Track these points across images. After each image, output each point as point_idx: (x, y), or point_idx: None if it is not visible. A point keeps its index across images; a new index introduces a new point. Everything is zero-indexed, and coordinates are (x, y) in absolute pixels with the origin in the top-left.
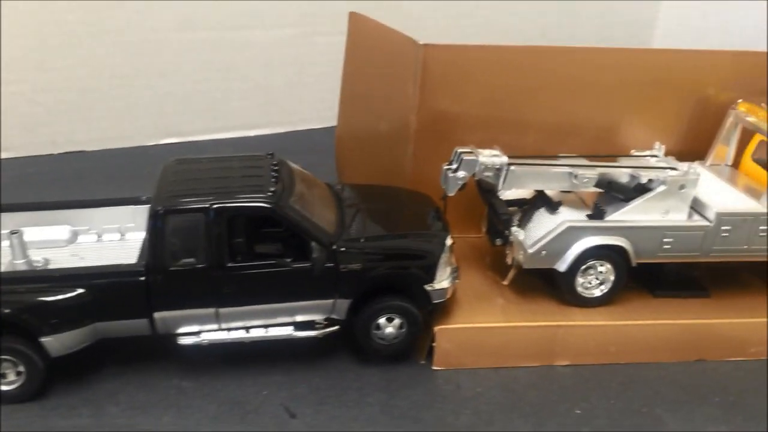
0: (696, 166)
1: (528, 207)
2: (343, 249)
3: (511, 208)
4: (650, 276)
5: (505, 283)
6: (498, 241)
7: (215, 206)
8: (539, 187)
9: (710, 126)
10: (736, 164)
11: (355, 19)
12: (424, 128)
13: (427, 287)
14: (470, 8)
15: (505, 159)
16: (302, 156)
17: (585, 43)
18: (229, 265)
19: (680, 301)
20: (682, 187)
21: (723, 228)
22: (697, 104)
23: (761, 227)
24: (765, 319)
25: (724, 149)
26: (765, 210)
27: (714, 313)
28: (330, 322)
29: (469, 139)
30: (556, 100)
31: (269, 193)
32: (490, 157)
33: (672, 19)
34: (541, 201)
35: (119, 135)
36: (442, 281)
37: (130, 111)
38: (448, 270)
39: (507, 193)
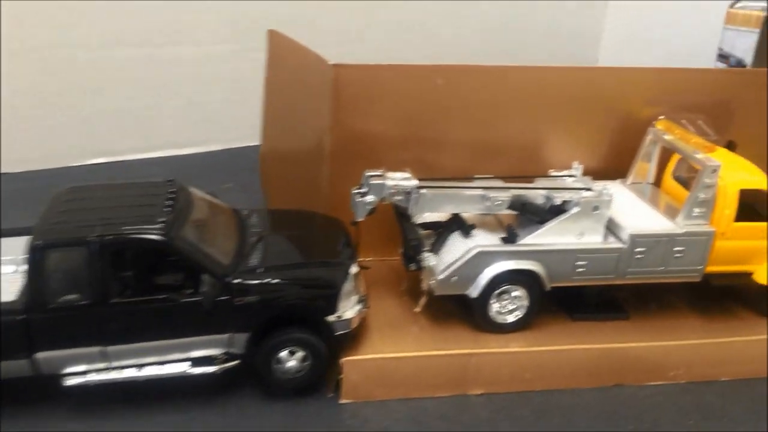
0: (611, 186)
1: (442, 230)
2: (237, 281)
3: (425, 232)
4: (570, 299)
5: (417, 310)
6: (412, 266)
7: (98, 239)
8: (453, 210)
9: (635, 143)
10: (658, 182)
11: (273, 37)
12: (339, 149)
13: (330, 318)
14: (412, 24)
15: (414, 182)
16: (237, 174)
17: (531, 58)
18: (115, 301)
19: (599, 324)
20: (595, 208)
21: (637, 250)
22: (621, 121)
23: (676, 248)
24: (684, 342)
25: (645, 167)
26: (680, 230)
27: (632, 336)
28: (229, 356)
29: (388, 159)
30: (476, 119)
31: (158, 224)
32: (400, 180)
33: (617, 30)
34: (456, 224)
35: (43, 155)
36: (347, 311)
37: (55, 131)
38: (354, 299)
39: (425, 215)
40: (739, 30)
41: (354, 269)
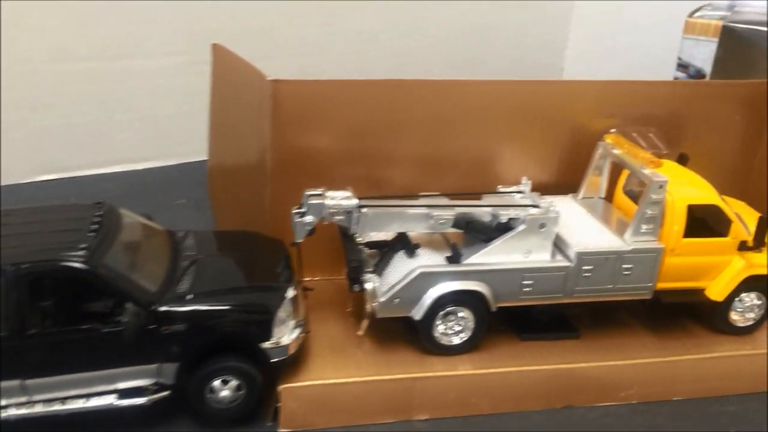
0: (561, 202)
1: (386, 250)
2: (164, 309)
3: (371, 251)
4: (519, 318)
5: (360, 333)
6: (356, 287)
7: (13, 268)
8: (397, 230)
9: (587, 157)
10: (610, 196)
11: (217, 50)
12: (281, 166)
13: (265, 345)
14: (375, 35)
15: (354, 201)
16: (192, 189)
17: (496, 68)
18: (34, 332)
19: (548, 344)
20: (542, 225)
21: (585, 268)
22: (573, 134)
23: (625, 265)
24: (636, 361)
25: (597, 181)
26: (628, 248)
27: (582, 355)
28: (160, 387)
29: (335, 176)
30: (426, 134)
31: (79, 251)
32: (340, 200)
33: (582, 40)
34: (401, 244)
35: None
36: (283, 337)
37: (2, 147)
38: (292, 324)
39: (371, 234)
40: (698, 39)
41: (291, 293)
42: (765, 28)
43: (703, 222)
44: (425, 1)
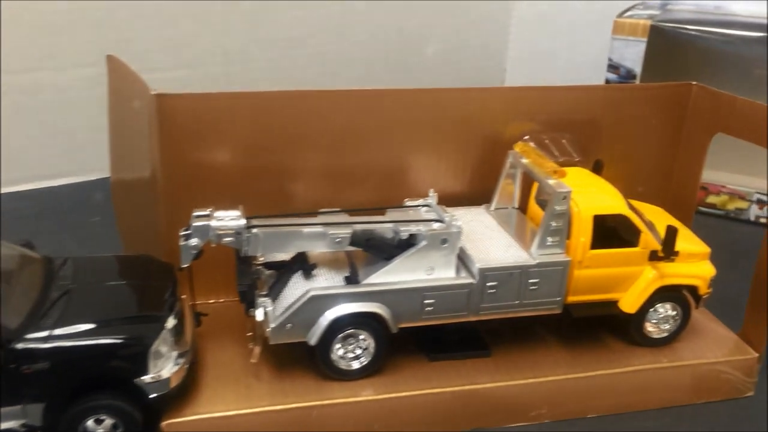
0: (473, 213)
1: (284, 271)
2: (22, 347)
3: (269, 272)
4: (428, 337)
5: (253, 361)
6: (252, 311)
7: None
8: (293, 250)
9: (501, 166)
10: (524, 206)
11: (111, 62)
12: (175, 184)
13: (142, 380)
14: (300, 42)
15: (242, 222)
16: (108, 206)
17: (436, 74)
18: None
19: (458, 364)
20: (444, 241)
21: (489, 284)
22: (487, 143)
23: (531, 280)
24: (546, 378)
25: (510, 190)
26: (533, 262)
27: (492, 375)
28: (28, 429)
29: (235, 194)
30: (331, 146)
31: None
32: (227, 221)
33: (522, 45)
34: (299, 264)
35: None
36: (163, 370)
37: None
38: (173, 355)
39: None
40: (627, 40)
41: (171, 322)
42: (693, 27)
43: (615, 232)
44: (356, 2)
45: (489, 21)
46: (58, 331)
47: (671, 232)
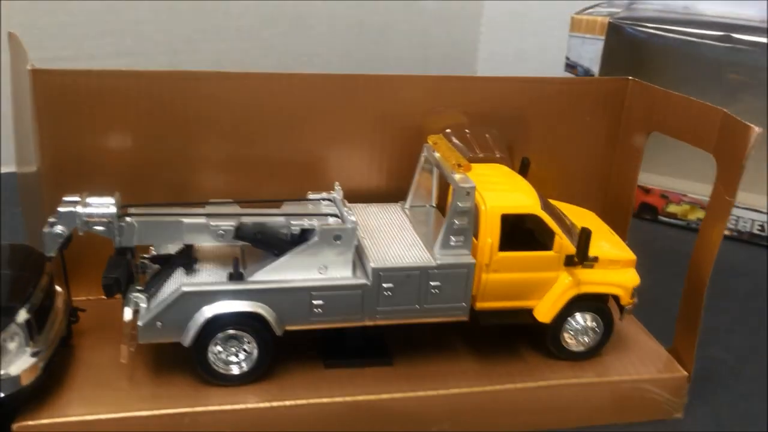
0: (384, 210)
1: (165, 265)
2: None
3: (155, 266)
4: (328, 342)
5: (123, 361)
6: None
7: None
8: (173, 241)
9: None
10: (443, 204)
11: (12, 40)
12: (57, 171)
13: None
14: (254, 31)
15: (112, 210)
16: None
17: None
18: None
19: (355, 372)
20: (337, 237)
21: (385, 285)
22: (405, 134)
23: (432, 283)
24: (450, 391)
25: (428, 186)
26: (433, 263)
27: (390, 385)
28: None
29: (130, 184)
30: (237, 134)
31: None
32: (96, 207)
33: (492, 42)
34: (182, 257)
35: None
36: (10, 367)
37: None
38: (26, 351)
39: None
40: (584, 38)
41: (23, 316)
42: (653, 26)
43: (532, 235)
44: None
45: (459, 19)
46: None
47: (585, 235)
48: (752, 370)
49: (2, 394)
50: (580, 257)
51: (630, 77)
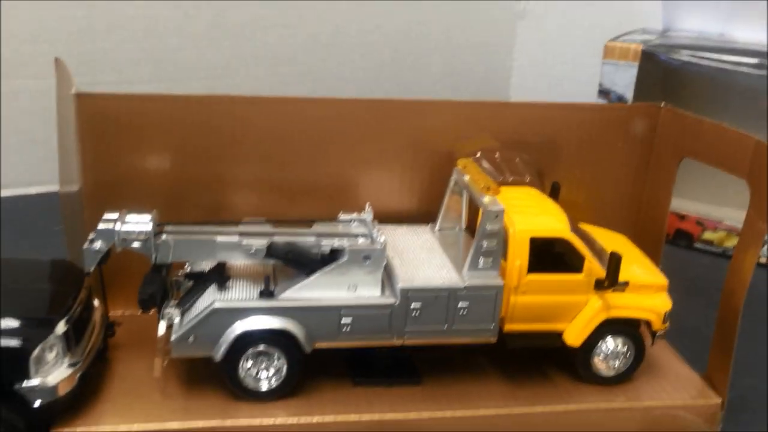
0: (413, 233)
1: (198, 281)
2: None
3: (189, 283)
4: (357, 360)
5: (156, 375)
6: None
7: None
8: (208, 259)
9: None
10: (472, 227)
11: (59, 67)
12: (98, 190)
13: (22, 386)
14: (291, 56)
15: (149, 227)
16: None
17: (434, 96)
18: None
19: (383, 391)
20: (366, 257)
21: (413, 306)
22: (436, 159)
23: (461, 304)
24: (478, 411)
25: (458, 209)
26: (461, 284)
27: (418, 404)
28: None
29: (161, 203)
30: (271, 156)
31: None
32: (134, 225)
33: (525, 68)
34: (215, 274)
35: None
36: (48, 377)
37: None
38: (64, 362)
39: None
40: (618, 64)
41: (62, 328)
42: (687, 53)
43: (561, 257)
44: (348, 23)
45: (491, 46)
46: None
47: (615, 260)
48: None
49: (40, 403)
50: (610, 281)
51: (662, 103)
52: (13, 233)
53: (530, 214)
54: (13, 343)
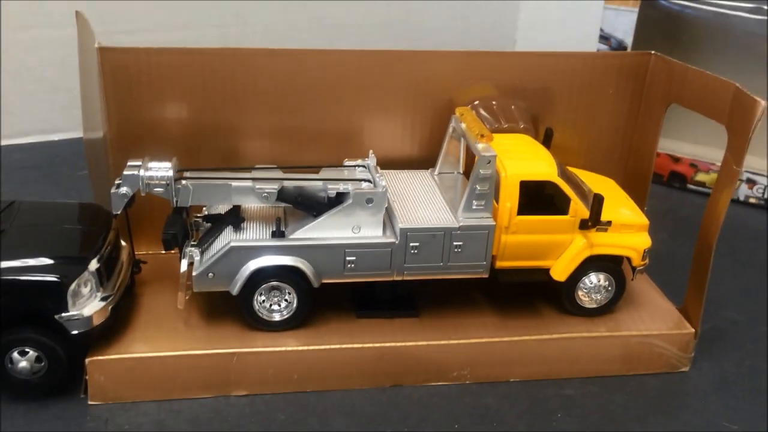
0: (413, 177)
1: (216, 223)
2: None
3: (207, 225)
4: (361, 294)
5: (180, 307)
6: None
7: None
8: (223, 203)
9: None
10: (469, 171)
11: (79, 19)
12: (122, 139)
13: (62, 317)
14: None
15: (170, 173)
16: None
17: (440, 43)
18: None
19: (383, 323)
20: (369, 200)
21: (411, 244)
22: (437, 106)
23: (455, 243)
24: (470, 340)
25: (456, 155)
26: (456, 224)
27: (415, 334)
28: None
29: (180, 151)
30: (282, 106)
31: None
32: (157, 171)
33: (531, 11)
34: (231, 216)
35: None
36: (84, 309)
37: None
38: (97, 296)
39: (220, 207)
40: (619, 9)
41: (94, 264)
42: None
43: (549, 200)
44: None
45: None
46: None
47: (597, 201)
48: (761, 332)
49: (77, 332)
50: (593, 221)
51: (653, 52)
52: (40, 179)
53: (521, 159)
54: (53, 278)
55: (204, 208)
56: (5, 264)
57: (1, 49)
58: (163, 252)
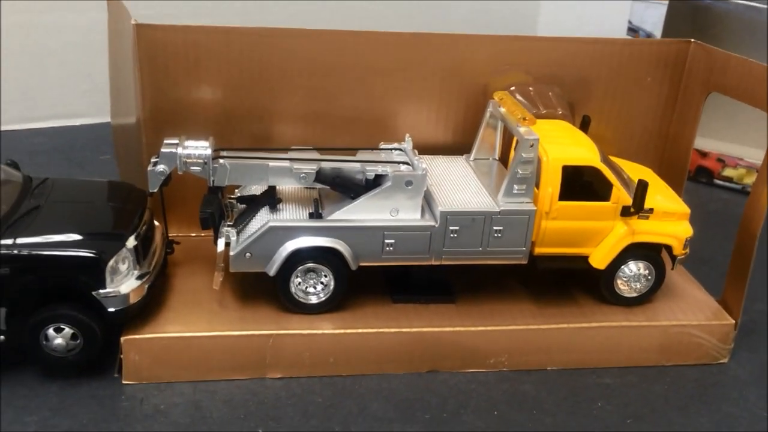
0: (449, 162)
1: (251, 204)
2: None
3: (242, 205)
4: (397, 279)
5: (215, 287)
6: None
7: None
8: (259, 183)
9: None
10: (505, 157)
11: (111, 6)
12: (156, 118)
13: (99, 293)
14: None
15: (208, 152)
16: None
17: (462, 26)
18: None
19: (420, 308)
20: (408, 183)
21: (451, 228)
22: (472, 91)
23: (495, 227)
24: (507, 327)
25: (492, 140)
26: (496, 209)
27: (452, 320)
28: None
29: (214, 131)
30: (316, 88)
31: None
32: (194, 149)
33: (553, 6)
34: (267, 198)
35: None
36: (121, 286)
37: None
38: (134, 274)
39: (253, 188)
40: (648, 2)
41: (132, 242)
42: None
43: (591, 187)
44: None
45: None
46: (21, 240)
47: (641, 187)
48: None
49: (114, 309)
50: (636, 208)
51: (692, 39)
52: (63, 163)
53: (563, 144)
54: (92, 253)
55: (237, 190)
56: (42, 239)
57: (24, 33)
58: (193, 235)
